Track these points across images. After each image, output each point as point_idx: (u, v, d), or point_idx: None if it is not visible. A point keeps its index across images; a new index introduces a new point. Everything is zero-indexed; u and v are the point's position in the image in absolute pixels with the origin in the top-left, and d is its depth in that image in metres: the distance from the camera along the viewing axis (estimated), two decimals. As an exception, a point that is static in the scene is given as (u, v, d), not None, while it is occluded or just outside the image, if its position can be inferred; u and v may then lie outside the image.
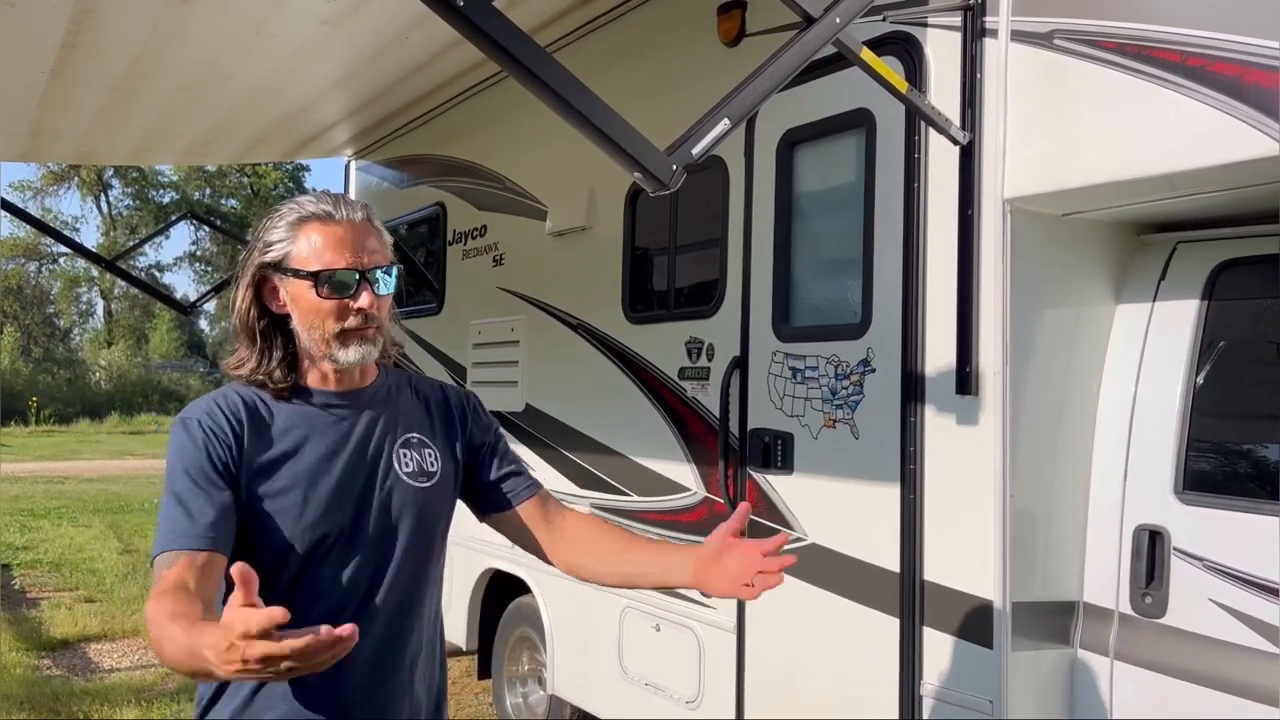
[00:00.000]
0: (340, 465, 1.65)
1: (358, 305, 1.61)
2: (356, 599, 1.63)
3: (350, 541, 1.63)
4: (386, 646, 1.66)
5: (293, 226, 1.62)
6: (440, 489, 1.77)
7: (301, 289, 1.61)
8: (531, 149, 4.41)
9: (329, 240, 1.61)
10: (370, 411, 1.72)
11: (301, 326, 1.63)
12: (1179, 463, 2.37)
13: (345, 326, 1.62)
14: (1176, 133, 2.13)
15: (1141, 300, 2.55)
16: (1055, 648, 2.50)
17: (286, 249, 1.62)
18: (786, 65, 1.99)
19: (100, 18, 3.59)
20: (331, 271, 1.60)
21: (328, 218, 1.63)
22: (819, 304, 3.02)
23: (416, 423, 1.78)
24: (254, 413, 1.62)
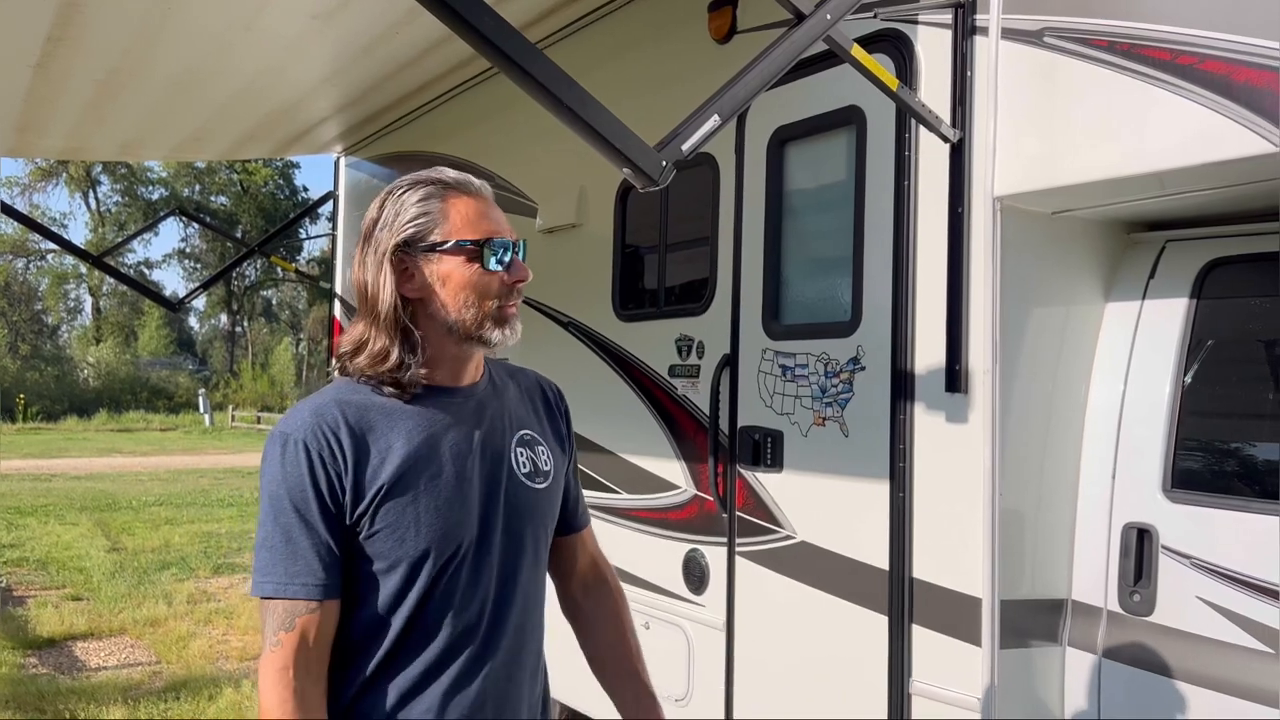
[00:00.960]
0: (466, 471, 1.53)
1: (516, 277, 1.54)
2: (487, 611, 1.54)
3: (480, 552, 1.53)
4: (514, 659, 1.58)
5: (433, 199, 1.51)
6: (554, 489, 1.67)
7: (455, 264, 1.49)
8: (522, 146, 4.40)
9: (481, 210, 1.53)
10: (486, 408, 1.60)
11: (450, 307, 1.50)
12: (1167, 461, 2.37)
13: (501, 302, 1.53)
14: (1166, 131, 2.14)
15: (1131, 298, 2.56)
16: (1044, 645, 2.50)
17: (430, 223, 1.50)
18: (777, 62, 1.99)
19: (86, 12, 3.57)
20: (500, 239, 1.51)
21: (469, 187, 1.54)
22: (809, 302, 3.02)
23: (526, 418, 1.68)
24: (365, 425, 1.47)
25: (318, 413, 1.46)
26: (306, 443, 1.43)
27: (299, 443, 1.44)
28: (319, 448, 1.43)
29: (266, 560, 1.43)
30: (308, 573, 1.42)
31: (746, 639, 3.09)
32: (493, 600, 1.55)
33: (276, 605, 1.42)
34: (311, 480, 1.43)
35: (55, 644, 6.38)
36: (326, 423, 1.45)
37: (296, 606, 1.42)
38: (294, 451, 1.44)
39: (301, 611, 1.42)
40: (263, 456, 1.49)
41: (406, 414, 1.50)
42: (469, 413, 1.57)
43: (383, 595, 1.48)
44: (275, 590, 1.42)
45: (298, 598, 1.42)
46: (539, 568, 1.64)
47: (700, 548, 3.27)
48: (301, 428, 1.45)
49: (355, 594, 1.48)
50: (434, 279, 1.50)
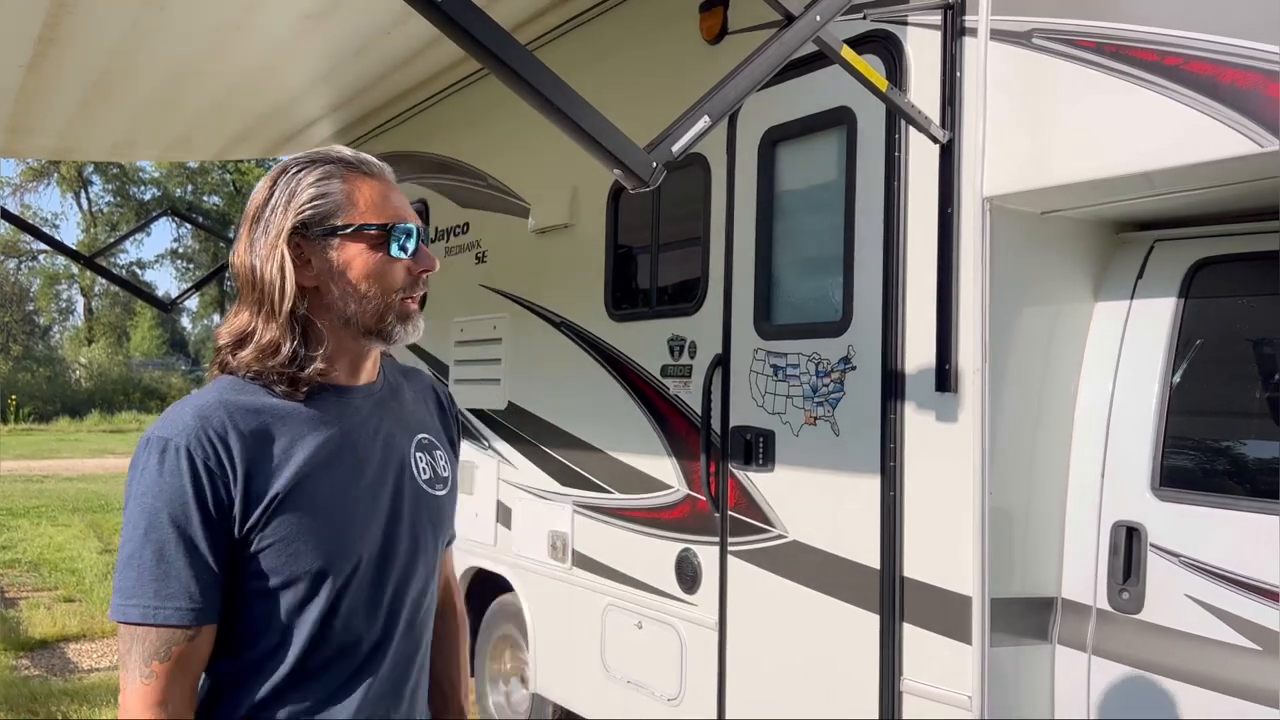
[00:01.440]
0: (367, 478, 1.40)
1: (422, 266, 1.40)
2: (390, 623, 1.43)
3: (381, 565, 1.41)
4: (403, 670, 1.46)
5: (333, 179, 1.36)
6: (452, 496, 1.56)
7: (356, 250, 1.35)
8: (514, 146, 4.40)
9: (385, 193, 1.39)
10: (385, 410, 1.47)
11: (350, 297, 1.36)
12: (1156, 459, 2.39)
13: (407, 294, 1.39)
14: (1153, 131, 2.15)
15: (1119, 298, 2.57)
16: (1034, 643, 2.52)
17: (332, 205, 1.35)
18: (767, 63, 2.00)
19: (78, 11, 3.57)
20: (405, 225, 1.37)
21: (369, 168, 1.40)
22: (800, 302, 3.03)
23: (424, 420, 1.56)
24: (257, 429, 1.32)
25: (201, 415, 1.30)
26: (189, 449, 1.27)
27: (180, 449, 1.27)
28: (204, 455, 1.28)
29: (133, 581, 1.26)
30: (183, 595, 1.26)
31: (739, 638, 3.09)
32: (392, 615, 1.43)
33: (146, 633, 1.26)
34: (194, 491, 1.27)
35: (48, 646, 6.37)
36: (213, 427, 1.29)
37: (172, 635, 1.26)
38: (174, 459, 1.27)
39: (178, 640, 1.27)
40: (133, 463, 1.31)
41: (301, 417, 1.36)
42: (368, 414, 1.44)
43: (277, 615, 1.33)
44: (144, 616, 1.26)
45: (171, 624, 1.26)
46: (434, 579, 1.53)
47: (693, 547, 3.28)
48: (183, 432, 1.28)
49: (245, 614, 1.33)
50: (333, 266, 1.36)
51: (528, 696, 4.34)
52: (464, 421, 4.62)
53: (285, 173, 1.38)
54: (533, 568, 4.13)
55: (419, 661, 1.49)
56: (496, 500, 4.36)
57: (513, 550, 4.25)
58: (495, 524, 4.37)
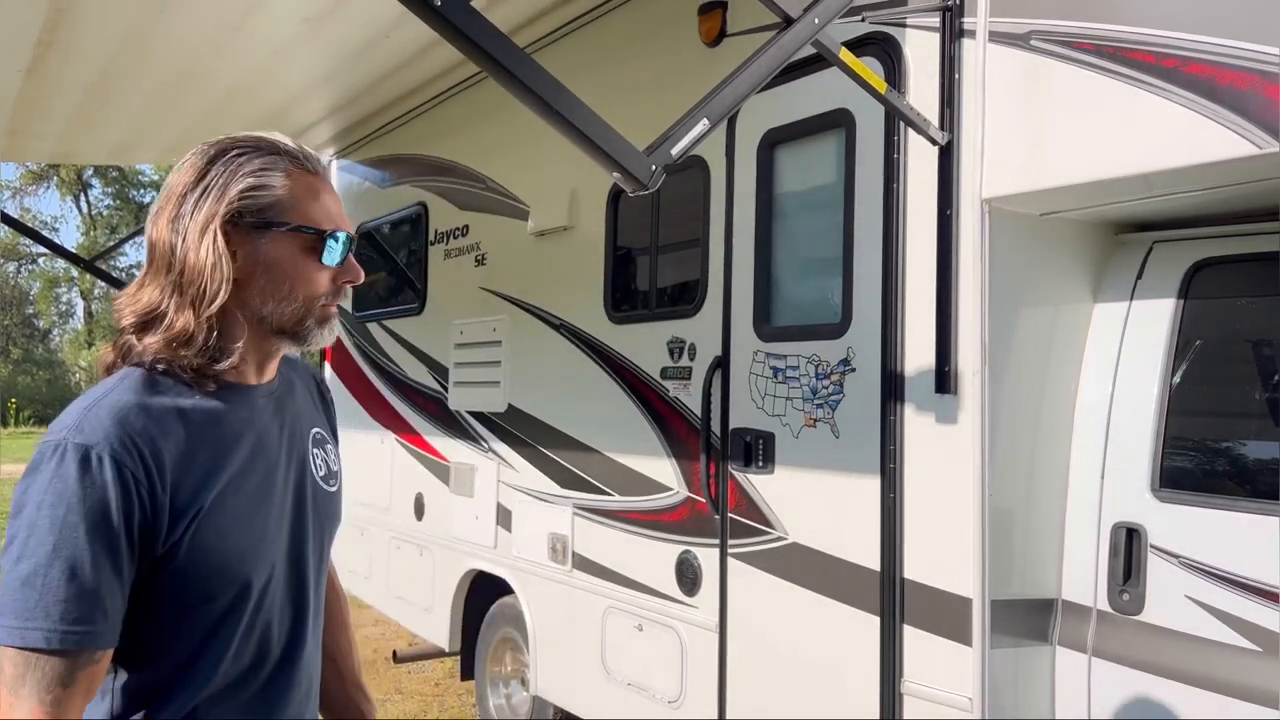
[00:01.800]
0: (279, 481, 1.36)
1: (349, 277, 1.36)
2: (301, 623, 1.40)
3: (293, 570, 1.38)
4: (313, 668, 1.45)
5: (274, 171, 1.29)
6: (341, 490, 1.53)
7: (288, 249, 1.29)
8: (513, 149, 4.40)
9: (325, 194, 1.33)
10: (285, 408, 1.42)
11: (271, 296, 1.29)
12: (1156, 460, 2.39)
13: (330, 301, 1.35)
14: (1152, 133, 2.15)
15: (1119, 299, 2.57)
16: (1034, 645, 2.51)
17: (270, 197, 1.28)
18: (766, 65, 2.00)
19: (76, 15, 3.57)
20: (342, 233, 1.33)
21: (313, 165, 1.34)
22: (800, 304, 3.03)
23: (314, 415, 1.52)
24: (179, 435, 1.23)
25: (121, 420, 1.19)
26: (115, 459, 1.16)
27: (103, 459, 1.16)
28: (131, 466, 1.17)
29: (33, 601, 1.12)
30: (97, 618, 1.15)
31: (739, 640, 3.09)
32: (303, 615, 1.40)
33: (48, 659, 1.13)
34: (120, 505, 1.15)
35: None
36: (135, 433, 1.19)
37: (78, 660, 1.14)
38: (97, 468, 1.15)
39: (83, 665, 1.15)
40: (36, 467, 1.18)
41: (219, 421, 1.28)
42: (272, 415, 1.38)
43: (200, 625, 1.27)
44: (49, 641, 1.12)
45: (83, 647, 1.14)
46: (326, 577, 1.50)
47: (693, 549, 3.27)
48: (105, 439, 1.17)
49: (166, 626, 1.25)
50: (259, 261, 1.28)
51: (528, 699, 4.34)
52: (465, 423, 4.62)
53: (225, 154, 1.29)
54: (533, 570, 4.12)
55: (317, 660, 1.47)
56: (496, 502, 4.36)
57: (513, 552, 4.25)
58: (495, 526, 4.37)
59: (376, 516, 5.44)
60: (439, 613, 4.81)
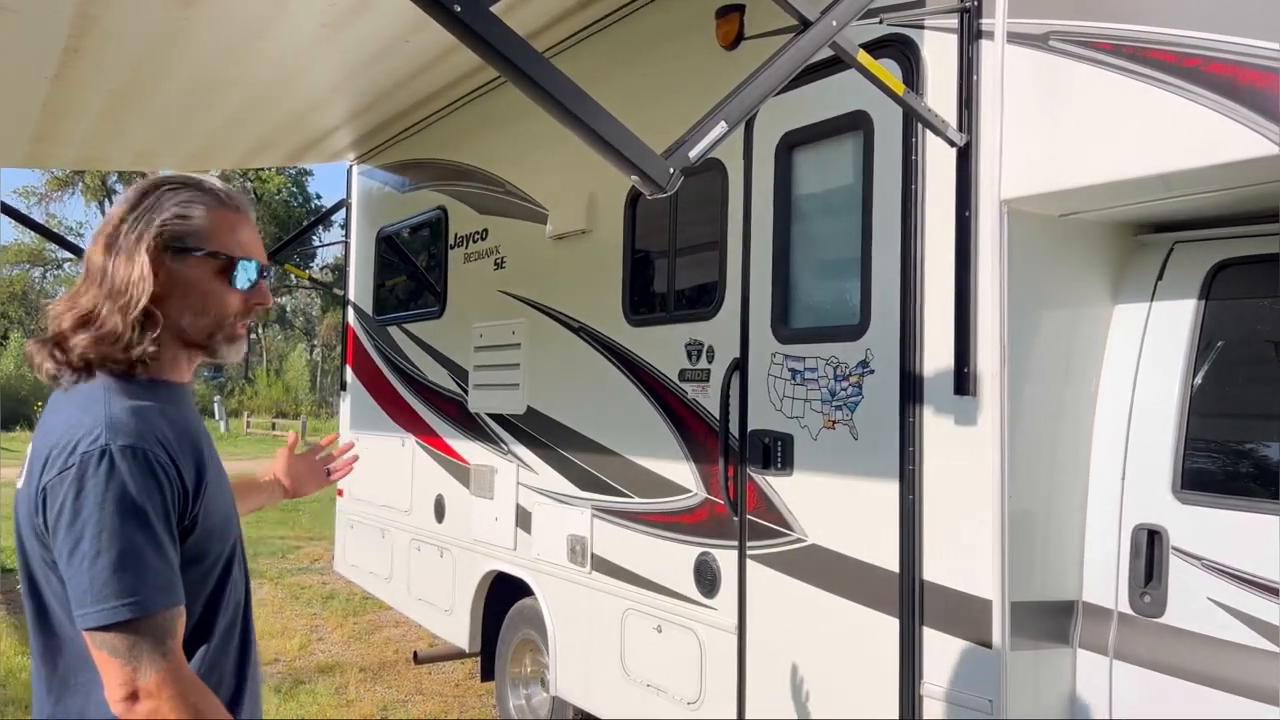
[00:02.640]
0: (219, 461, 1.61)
1: (256, 300, 1.58)
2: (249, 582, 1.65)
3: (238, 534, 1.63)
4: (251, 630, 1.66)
5: (197, 204, 1.52)
6: None
7: (202, 272, 1.51)
8: (532, 153, 4.43)
9: (246, 229, 1.57)
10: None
11: (187, 312, 1.51)
12: (1177, 462, 2.37)
13: (239, 321, 1.57)
14: (1172, 133, 2.14)
15: (1139, 300, 2.56)
16: (1054, 647, 2.51)
17: (189, 226, 1.50)
18: (783, 68, 2.00)
19: (101, 23, 3.61)
20: (255, 261, 1.56)
21: (233, 203, 1.57)
22: (818, 306, 3.03)
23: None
24: (172, 429, 1.46)
25: (142, 420, 1.43)
26: (152, 453, 1.40)
27: (143, 452, 1.39)
28: (163, 458, 1.41)
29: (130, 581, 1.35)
30: (175, 581, 1.40)
31: (758, 642, 3.10)
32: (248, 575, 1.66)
33: (161, 620, 1.37)
34: (166, 488, 1.40)
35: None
36: (153, 430, 1.43)
37: (177, 613, 1.40)
38: (144, 462, 1.39)
39: (179, 616, 1.41)
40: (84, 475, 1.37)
41: (183, 413, 1.52)
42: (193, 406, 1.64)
43: (203, 590, 1.50)
44: (159, 604, 1.37)
45: (180, 604, 1.40)
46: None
47: (711, 551, 3.28)
48: (141, 438, 1.41)
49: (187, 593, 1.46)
50: (178, 281, 1.50)
51: (548, 699, 4.35)
52: (484, 425, 4.65)
53: (157, 189, 1.53)
54: (552, 571, 4.14)
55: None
56: (516, 504, 4.38)
57: (532, 554, 4.27)
58: (515, 528, 4.39)
59: (397, 518, 5.48)
60: (459, 614, 4.83)
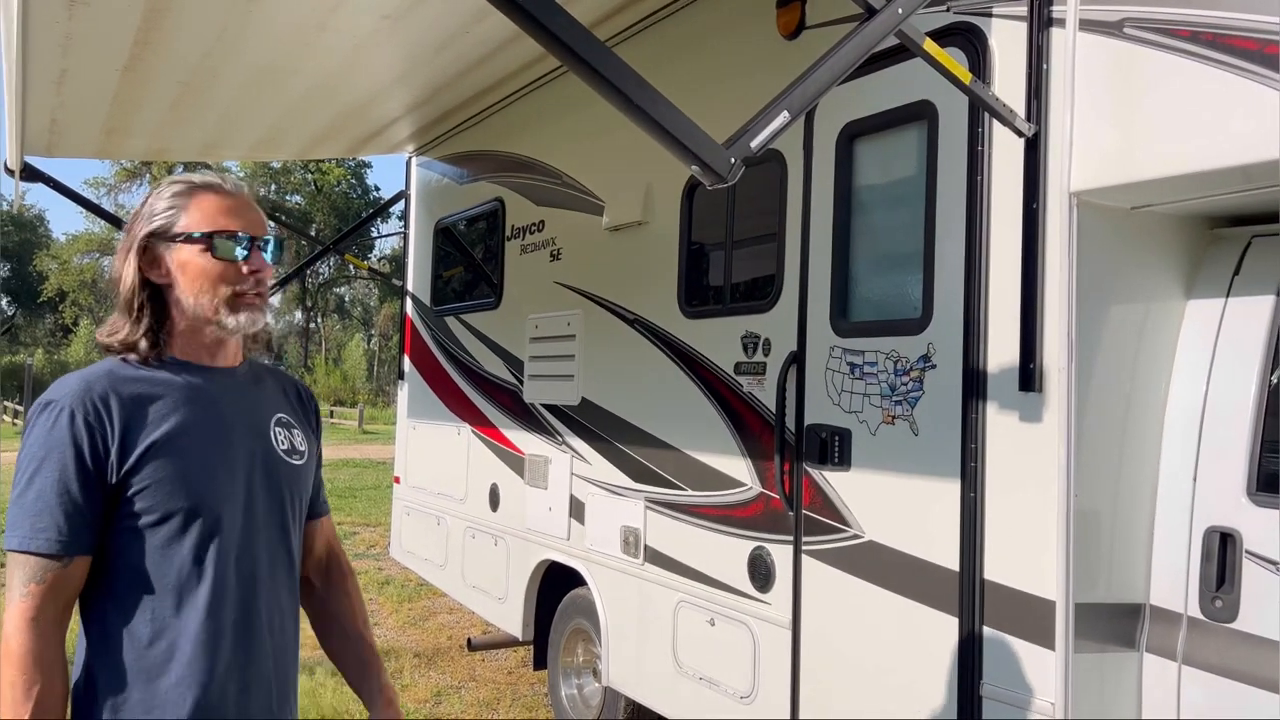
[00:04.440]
0: (231, 438, 1.66)
1: (250, 268, 1.66)
2: (255, 567, 1.67)
3: (248, 514, 1.66)
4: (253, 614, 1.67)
5: (182, 195, 1.66)
6: (309, 466, 1.83)
7: (191, 254, 1.63)
8: (589, 144, 4.43)
9: (220, 207, 1.66)
10: (247, 390, 1.75)
11: (189, 293, 1.64)
12: (1252, 463, 2.30)
13: (236, 290, 1.65)
14: (1253, 123, 2.07)
15: (1214, 296, 2.48)
16: (1120, 651, 2.45)
17: (175, 217, 1.64)
18: (847, 57, 1.97)
19: (171, 16, 3.68)
20: (226, 233, 1.64)
21: (218, 187, 1.68)
22: (878, 299, 2.99)
23: (282, 405, 1.83)
24: (134, 392, 1.59)
25: (86, 383, 1.57)
26: (72, 409, 1.53)
27: (64, 409, 1.54)
28: (84, 412, 1.53)
29: (15, 515, 1.52)
30: (54, 529, 1.51)
31: (813, 638, 3.07)
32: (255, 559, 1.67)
33: (25, 559, 1.50)
34: (73, 442, 1.52)
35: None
36: (96, 391, 1.56)
37: (46, 562, 1.50)
38: (59, 416, 1.53)
39: (52, 567, 1.51)
40: (26, 423, 1.58)
41: (175, 385, 1.63)
42: (232, 390, 1.71)
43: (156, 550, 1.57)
44: (21, 544, 1.51)
45: (43, 552, 1.50)
46: (293, 535, 1.77)
47: (766, 545, 3.26)
48: (67, 395, 1.55)
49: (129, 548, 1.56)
50: (175, 267, 1.64)
51: (600, 690, 4.37)
52: (539, 416, 4.66)
53: (156, 190, 1.69)
54: (605, 562, 4.15)
55: (281, 605, 1.72)
56: (570, 495, 4.40)
57: (585, 544, 4.28)
58: (569, 518, 4.40)
59: (453, 506, 5.53)
60: (512, 602, 4.87)
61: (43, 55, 3.97)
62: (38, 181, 5.64)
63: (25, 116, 4.71)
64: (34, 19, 3.53)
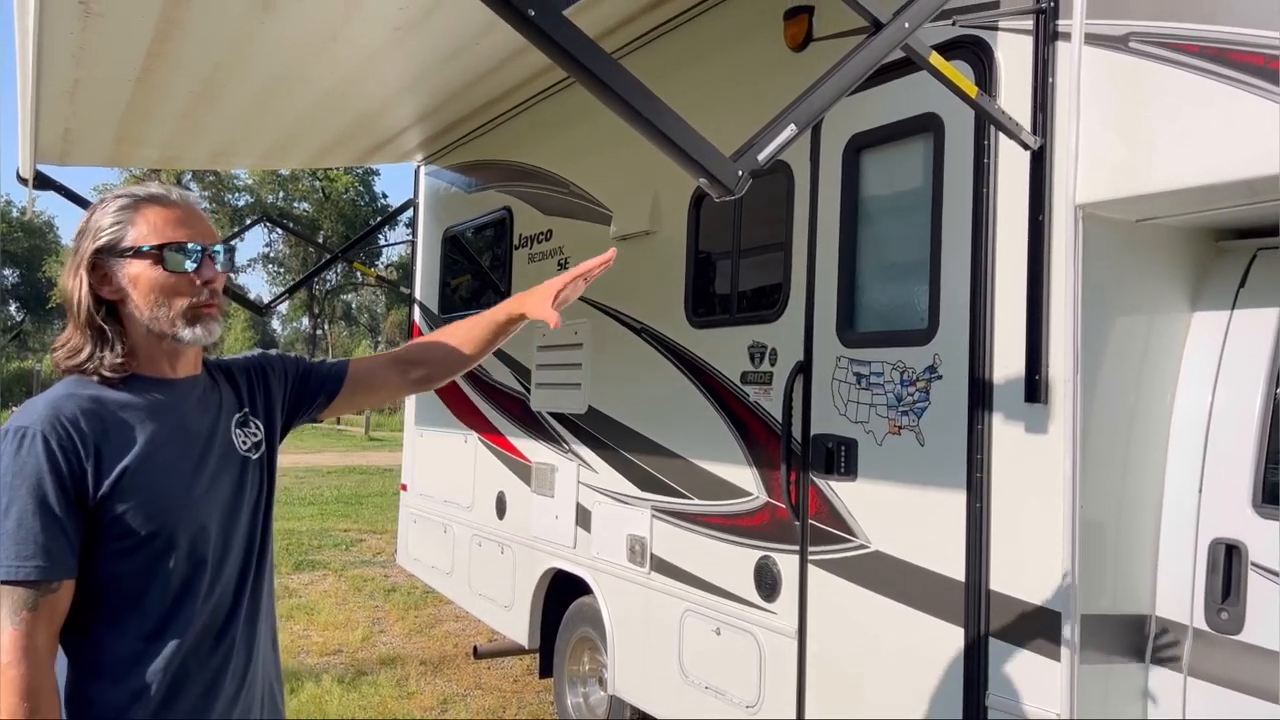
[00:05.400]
0: (200, 451, 1.66)
1: (203, 279, 1.64)
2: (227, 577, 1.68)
3: (222, 523, 1.66)
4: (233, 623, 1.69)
5: (127, 210, 1.63)
6: (266, 455, 1.83)
7: (141, 268, 1.61)
8: (596, 154, 4.45)
9: (168, 219, 1.63)
10: (207, 397, 1.75)
11: (143, 307, 1.61)
12: (1257, 475, 2.31)
13: (192, 302, 1.63)
14: (1258, 137, 2.08)
15: (1219, 308, 2.49)
16: (1126, 662, 2.45)
17: (122, 231, 1.61)
18: (854, 70, 1.99)
19: (184, 26, 3.71)
20: (176, 244, 1.62)
21: (163, 199, 1.65)
22: (884, 309, 3.00)
23: (240, 399, 1.83)
24: (102, 414, 1.57)
25: (54, 406, 1.55)
26: (44, 434, 1.51)
27: (36, 435, 1.51)
28: (57, 438, 1.51)
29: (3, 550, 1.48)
30: (41, 555, 1.48)
31: (819, 647, 3.07)
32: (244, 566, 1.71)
33: (13, 590, 1.48)
34: (50, 468, 1.49)
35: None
36: (65, 415, 1.53)
37: (35, 588, 1.48)
38: (30, 443, 1.50)
39: (41, 592, 1.49)
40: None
41: (139, 404, 1.61)
42: (195, 400, 1.70)
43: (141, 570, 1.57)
44: (6, 575, 1.47)
45: (31, 579, 1.48)
46: (268, 532, 1.80)
47: (772, 555, 3.27)
48: (38, 421, 1.52)
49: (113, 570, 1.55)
50: (127, 282, 1.62)
51: (606, 698, 4.37)
52: (546, 424, 4.68)
53: (100, 205, 1.66)
54: (612, 571, 4.16)
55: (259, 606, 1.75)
56: (576, 503, 4.41)
57: (592, 553, 4.29)
58: (575, 526, 4.41)
59: (459, 514, 5.54)
60: (519, 610, 4.88)
61: (57, 66, 4.01)
62: (50, 189, 5.67)
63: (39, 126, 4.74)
64: (49, 31, 3.56)
